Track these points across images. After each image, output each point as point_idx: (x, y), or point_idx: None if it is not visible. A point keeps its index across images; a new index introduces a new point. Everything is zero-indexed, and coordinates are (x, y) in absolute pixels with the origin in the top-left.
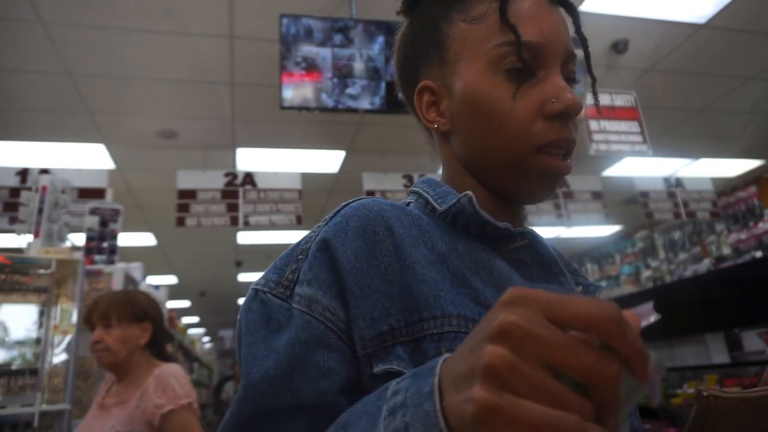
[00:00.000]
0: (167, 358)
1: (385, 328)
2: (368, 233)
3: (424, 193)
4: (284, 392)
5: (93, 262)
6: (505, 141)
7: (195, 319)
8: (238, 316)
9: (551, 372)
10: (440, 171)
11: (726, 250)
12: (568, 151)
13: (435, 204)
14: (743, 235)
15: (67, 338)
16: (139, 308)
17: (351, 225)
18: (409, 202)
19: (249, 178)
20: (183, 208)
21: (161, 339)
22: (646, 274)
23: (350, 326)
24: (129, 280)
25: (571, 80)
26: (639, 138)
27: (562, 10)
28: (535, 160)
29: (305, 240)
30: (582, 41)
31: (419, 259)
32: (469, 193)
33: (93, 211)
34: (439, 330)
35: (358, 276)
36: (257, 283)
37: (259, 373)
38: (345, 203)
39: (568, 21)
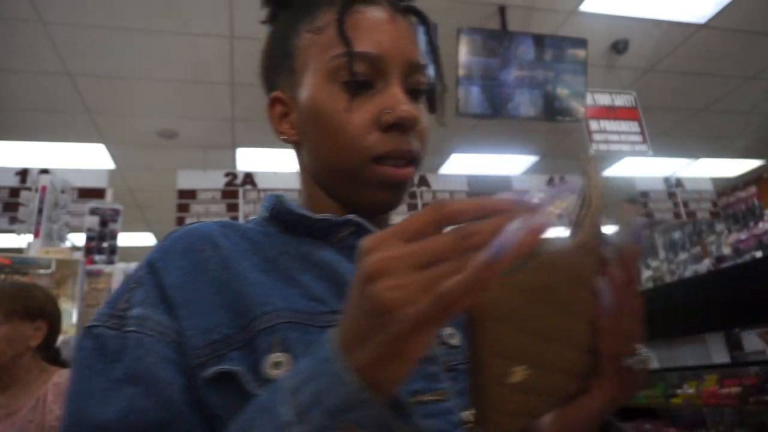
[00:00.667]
0: (63, 364)
1: (216, 336)
2: (194, 252)
3: (261, 208)
4: (129, 415)
5: (93, 262)
6: (341, 152)
7: None
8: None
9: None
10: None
11: (726, 251)
12: (410, 160)
13: (265, 214)
14: (743, 236)
15: (67, 338)
16: (33, 303)
17: (177, 247)
18: (252, 218)
19: (249, 178)
20: (183, 208)
21: (56, 341)
22: (646, 274)
23: (182, 338)
24: None
25: (417, 91)
26: (639, 138)
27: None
28: (371, 170)
29: (138, 269)
30: (432, 51)
31: (248, 268)
32: (280, 195)
33: (93, 211)
34: (272, 323)
35: (186, 291)
36: (90, 320)
37: (100, 407)
38: (174, 230)
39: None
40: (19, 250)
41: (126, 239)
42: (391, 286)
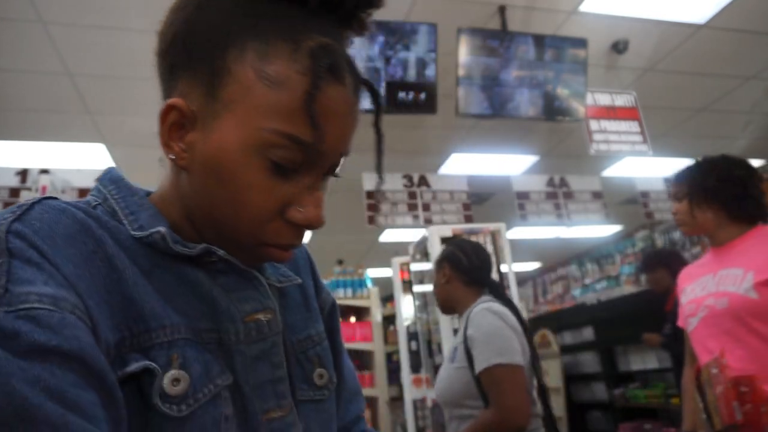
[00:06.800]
0: None
1: (120, 336)
2: (79, 242)
3: (111, 201)
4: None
5: None
6: (237, 223)
7: None
8: None
9: None
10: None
11: None
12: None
13: (126, 222)
14: None
15: None
16: None
17: (58, 232)
18: (96, 205)
19: None
20: None
21: None
22: None
23: (96, 330)
24: None
25: (334, 166)
26: (639, 138)
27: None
28: (258, 249)
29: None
30: (377, 137)
31: (134, 271)
32: (162, 230)
33: None
34: (170, 338)
35: (84, 284)
36: None
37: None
38: (28, 204)
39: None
40: None
41: None
42: None
